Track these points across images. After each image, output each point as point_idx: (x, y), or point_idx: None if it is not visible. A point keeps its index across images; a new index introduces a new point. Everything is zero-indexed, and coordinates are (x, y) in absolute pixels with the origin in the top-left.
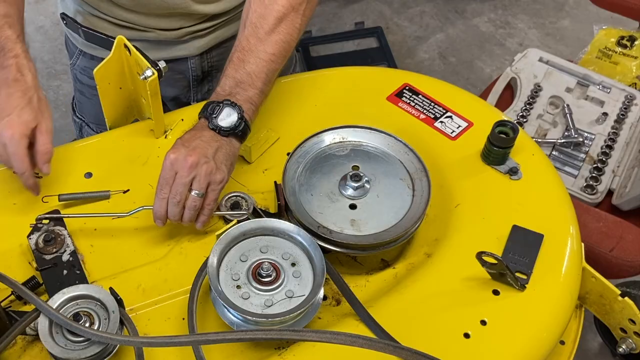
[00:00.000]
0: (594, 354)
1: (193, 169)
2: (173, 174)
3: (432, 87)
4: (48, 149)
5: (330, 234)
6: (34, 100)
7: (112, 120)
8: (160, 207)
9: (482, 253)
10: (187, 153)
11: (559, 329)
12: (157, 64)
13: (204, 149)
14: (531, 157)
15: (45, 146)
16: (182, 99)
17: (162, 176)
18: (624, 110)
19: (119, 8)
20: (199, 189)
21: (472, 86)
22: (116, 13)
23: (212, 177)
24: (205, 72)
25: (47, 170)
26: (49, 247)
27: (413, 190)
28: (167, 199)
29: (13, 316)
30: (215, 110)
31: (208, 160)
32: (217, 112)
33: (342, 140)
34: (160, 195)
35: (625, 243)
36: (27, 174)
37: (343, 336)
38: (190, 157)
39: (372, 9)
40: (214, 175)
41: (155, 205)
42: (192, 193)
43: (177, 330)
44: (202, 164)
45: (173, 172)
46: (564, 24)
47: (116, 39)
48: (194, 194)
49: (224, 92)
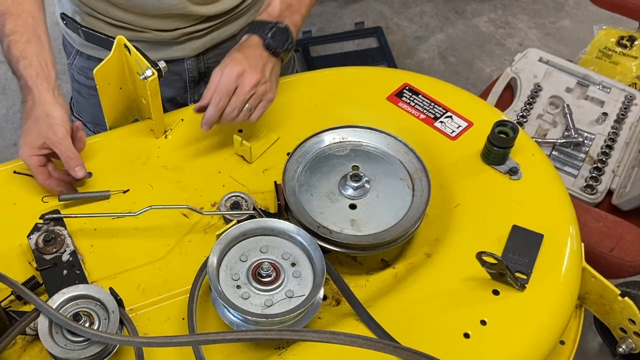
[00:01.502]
0: (594, 354)
1: (254, 87)
2: (234, 87)
3: (432, 87)
4: (68, 155)
5: (330, 234)
6: (41, 118)
7: (112, 120)
8: (214, 116)
9: (482, 253)
10: (251, 70)
11: (559, 329)
12: (157, 64)
13: (263, 68)
14: (531, 157)
15: (64, 155)
16: (179, 100)
17: (224, 85)
18: (623, 110)
19: (116, 8)
20: (252, 106)
21: (472, 86)
22: (112, 13)
23: (266, 96)
24: (202, 73)
25: (78, 174)
26: (49, 247)
27: (413, 190)
28: (222, 109)
29: (13, 316)
30: (271, 31)
31: (266, 80)
32: (274, 34)
33: (342, 140)
34: (218, 104)
35: (625, 243)
36: (49, 188)
37: (343, 336)
38: (255, 75)
39: (372, 9)
40: (267, 94)
41: (209, 111)
42: (245, 106)
43: (177, 330)
44: (262, 83)
45: (235, 85)
46: (564, 24)
47: (116, 39)
48: (247, 109)
49: (275, 12)
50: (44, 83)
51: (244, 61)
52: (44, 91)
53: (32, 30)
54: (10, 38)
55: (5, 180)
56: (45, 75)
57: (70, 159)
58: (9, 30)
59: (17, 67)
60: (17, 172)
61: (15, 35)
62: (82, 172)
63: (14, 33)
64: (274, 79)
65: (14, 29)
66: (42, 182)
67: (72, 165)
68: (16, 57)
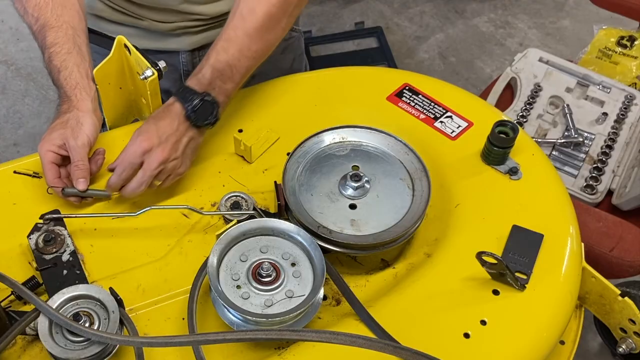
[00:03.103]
0: (594, 354)
1: (162, 164)
2: (140, 162)
3: (432, 87)
4: (77, 165)
5: (330, 234)
6: (71, 121)
7: (112, 120)
8: (117, 184)
9: (482, 253)
10: (160, 147)
11: (559, 329)
12: (157, 63)
13: (176, 144)
14: (531, 157)
15: (74, 162)
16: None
17: (128, 160)
18: (623, 110)
19: None
20: (160, 180)
21: (472, 86)
22: None
23: (176, 170)
24: None
25: (80, 185)
26: (49, 247)
27: (413, 190)
28: (126, 180)
29: (13, 316)
30: (194, 100)
31: (177, 156)
32: (197, 106)
33: (342, 140)
34: (121, 175)
35: (625, 243)
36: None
37: (343, 336)
38: (163, 153)
39: (372, 9)
40: (178, 169)
41: (112, 179)
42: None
43: (177, 330)
44: (171, 159)
45: (140, 161)
46: (564, 24)
47: (116, 39)
48: (155, 183)
49: (205, 81)
50: (82, 93)
51: (154, 136)
52: (82, 99)
53: (73, 41)
54: (52, 50)
55: (5, 180)
56: (84, 86)
57: (78, 169)
58: (49, 42)
59: (58, 77)
60: (17, 172)
61: (56, 47)
62: (83, 185)
63: (54, 45)
64: (188, 153)
65: (54, 40)
66: (49, 180)
67: (77, 175)
68: (57, 67)
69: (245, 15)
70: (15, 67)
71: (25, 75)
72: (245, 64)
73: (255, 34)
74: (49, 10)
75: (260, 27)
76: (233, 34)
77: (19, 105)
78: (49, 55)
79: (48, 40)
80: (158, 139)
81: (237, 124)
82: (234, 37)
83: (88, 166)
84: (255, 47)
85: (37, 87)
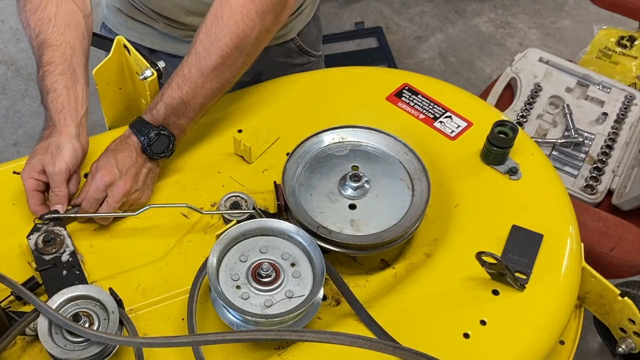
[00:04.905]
0: (594, 354)
1: (125, 196)
2: (103, 196)
3: (432, 87)
4: (54, 191)
5: (329, 234)
6: (51, 147)
7: (112, 120)
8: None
9: (481, 253)
10: (122, 180)
11: (558, 329)
12: (157, 64)
13: (136, 176)
14: (531, 157)
15: (51, 189)
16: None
17: (92, 195)
18: (623, 110)
19: None
20: (123, 210)
21: (472, 86)
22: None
23: (138, 201)
24: None
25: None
26: (49, 247)
27: (413, 190)
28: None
29: (13, 316)
30: (150, 134)
31: (139, 188)
32: (152, 140)
33: (342, 140)
34: (88, 211)
35: (625, 243)
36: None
37: (342, 336)
38: (125, 186)
39: (372, 9)
40: (139, 199)
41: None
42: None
43: (177, 330)
44: (133, 191)
45: (104, 194)
46: (564, 24)
47: (115, 39)
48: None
49: (159, 117)
50: (67, 118)
51: (115, 170)
52: (65, 125)
53: (69, 62)
54: (46, 69)
55: (5, 180)
56: (70, 110)
57: (55, 196)
58: (45, 60)
59: (46, 98)
60: (17, 172)
61: (51, 66)
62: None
63: (49, 64)
64: (148, 183)
65: (50, 59)
66: (32, 207)
67: (54, 201)
68: (47, 88)
69: (200, 54)
70: (15, 67)
71: (25, 75)
72: (200, 101)
73: (210, 73)
74: (50, 27)
75: (215, 67)
76: (188, 71)
77: (19, 105)
78: (42, 73)
79: (44, 58)
80: (119, 171)
81: (236, 124)
82: (188, 75)
83: (66, 192)
84: (210, 86)
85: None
